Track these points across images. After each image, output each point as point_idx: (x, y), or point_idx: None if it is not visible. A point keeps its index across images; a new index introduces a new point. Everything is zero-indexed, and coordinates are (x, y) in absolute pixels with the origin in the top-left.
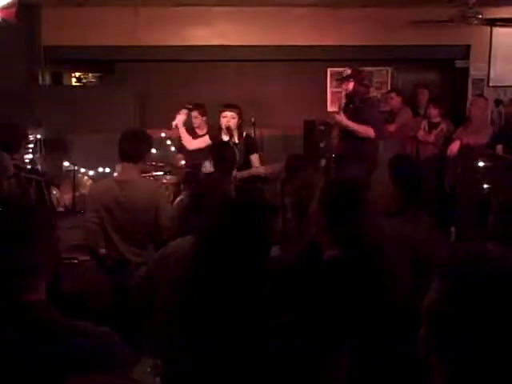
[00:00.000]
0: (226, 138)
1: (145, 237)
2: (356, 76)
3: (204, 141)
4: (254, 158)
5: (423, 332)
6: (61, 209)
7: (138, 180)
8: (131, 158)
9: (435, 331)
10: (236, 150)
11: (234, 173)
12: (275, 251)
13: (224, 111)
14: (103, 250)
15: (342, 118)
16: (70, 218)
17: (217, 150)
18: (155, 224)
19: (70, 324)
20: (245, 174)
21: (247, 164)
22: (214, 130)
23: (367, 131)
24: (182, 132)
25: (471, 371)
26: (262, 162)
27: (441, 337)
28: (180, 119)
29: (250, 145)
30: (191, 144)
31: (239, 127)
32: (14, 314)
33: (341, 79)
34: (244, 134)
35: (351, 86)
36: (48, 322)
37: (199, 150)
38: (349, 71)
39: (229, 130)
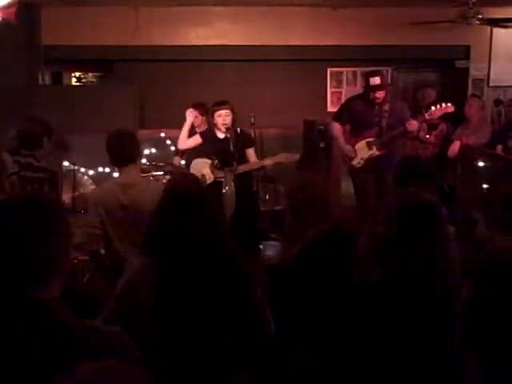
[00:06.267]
0: (220, 135)
1: None
2: None
3: (194, 140)
4: (250, 152)
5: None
6: None
7: (142, 182)
8: (132, 160)
9: (470, 331)
10: (231, 146)
11: (235, 167)
12: (278, 251)
13: (218, 110)
14: (102, 251)
15: None
16: (70, 218)
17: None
18: None
19: (83, 323)
20: (247, 166)
21: (243, 158)
22: (208, 129)
23: None
24: (184, 131)
25: (505, 370)
26: (258, 155)
27: (476, 336)
28: (189, 118)
29: (245, 139)
30: (182, 144)
31: (233, 123)
32: (25, 312)
33: None
34: (238, 130)
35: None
36: (60, 320)
37: (195, 151)
38: None
39: (228, 129)
